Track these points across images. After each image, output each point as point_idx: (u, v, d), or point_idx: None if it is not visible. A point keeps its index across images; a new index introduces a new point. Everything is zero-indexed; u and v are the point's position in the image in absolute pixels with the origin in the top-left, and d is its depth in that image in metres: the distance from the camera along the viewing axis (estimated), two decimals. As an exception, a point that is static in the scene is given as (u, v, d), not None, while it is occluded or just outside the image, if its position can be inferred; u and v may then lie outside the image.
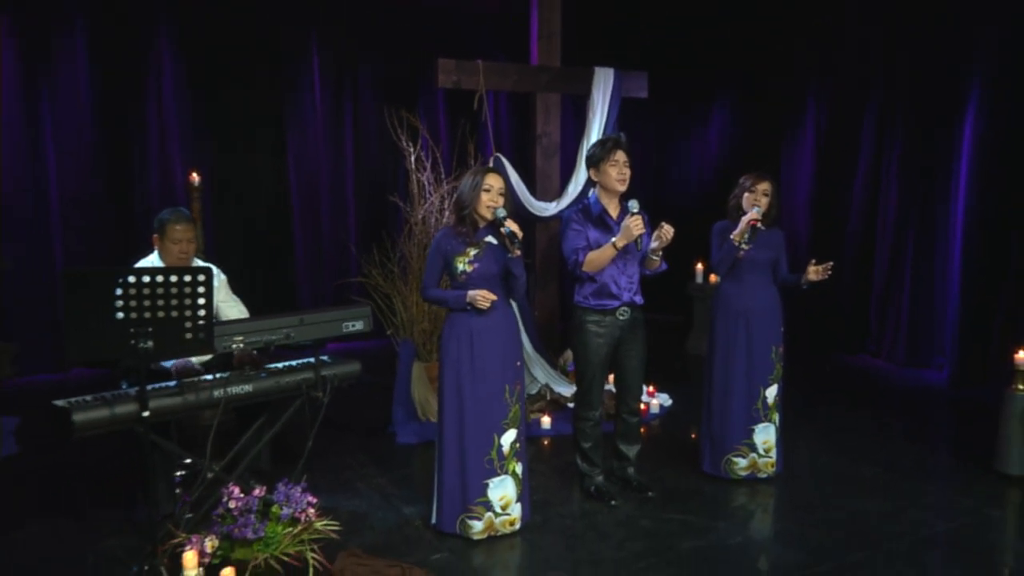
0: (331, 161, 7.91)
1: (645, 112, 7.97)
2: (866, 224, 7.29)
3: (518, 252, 3.56)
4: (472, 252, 3.63)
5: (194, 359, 3.86)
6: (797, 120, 7.88)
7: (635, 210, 3.81)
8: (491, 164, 5.64)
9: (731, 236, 4.21)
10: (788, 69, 7.87)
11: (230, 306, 4.15)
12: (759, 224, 4.18)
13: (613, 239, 3.86)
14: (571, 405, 5.48)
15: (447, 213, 5.53)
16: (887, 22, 6.93)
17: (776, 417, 4.41)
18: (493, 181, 3.62)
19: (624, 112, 6.21)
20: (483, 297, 3.56)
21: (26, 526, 3.91)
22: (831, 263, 4.27)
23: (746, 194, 4.32)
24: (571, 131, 7.09)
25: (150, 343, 2.95)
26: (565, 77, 6.15)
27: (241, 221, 7.51)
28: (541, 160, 6.21)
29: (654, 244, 3.91)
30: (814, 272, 4.25)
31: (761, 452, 4.40)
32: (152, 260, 3.97)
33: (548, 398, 5.81)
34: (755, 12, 7.79)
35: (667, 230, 3.83)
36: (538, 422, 5.35)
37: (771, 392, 4.37)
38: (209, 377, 3.50)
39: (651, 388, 5.80)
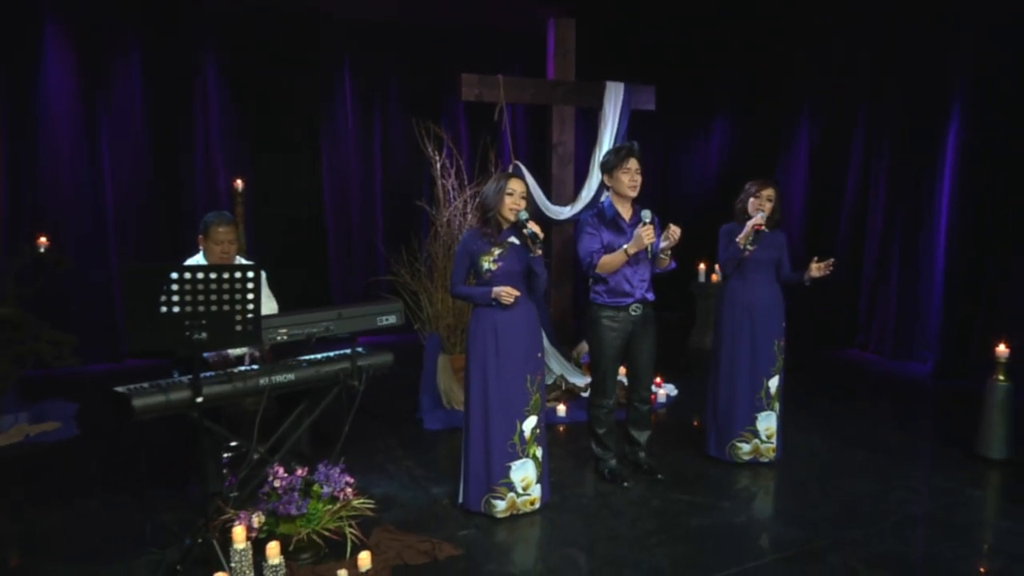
0: (362, 169, 7.91)
1: (652, 122, 7.92)
2: (856, 227, 7.25)
3: (539, 251, 3.56)
4: (496, 252, 3.62)
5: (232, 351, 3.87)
6: (793, 125, 7.82)
7: (647, 219, 3.80)
8: (511, 171, 5.63)
9: (736, 239, 4.19)
10: (787, 72, 7.80)
11: (262, 302, 4.14)
12: (763, 227, 4.15)
13: (625, 246, 3.85)
14: (584, 394, 5.48)
15: (470, 216, 5.52)
16: (883, 23, 6.84)
17: (777, 406, 4.38)
18: (516, 186, 3.62)
19: (632, 122, 6.19)
20: (507, 293, 3.56)
21: (88, 501, 3.94)
22: (832, 260, 4.25)
23: (752, 199, 4.29)
24: (583, 141, 7.07)
25: (204, 334, 2.94)
26: (579, 91, 6.14)
27: (278, 223, 7.53)
28: (556, 168, 6.20)
29: (663, 244, 3.89)
30: (816, 268, 4.22)
31: (763, 438, 4.37)
32: (198, 259, 3.98)
33: (563, 388, 5.79)
34: (754, 12, 7.64)
35: (675, 230, 3.84)
36: (554, 410, 5.34)
37: (773, 383, 4.35)
38: (255, 367, 3.51)
39: (658, 379, 5.77)
